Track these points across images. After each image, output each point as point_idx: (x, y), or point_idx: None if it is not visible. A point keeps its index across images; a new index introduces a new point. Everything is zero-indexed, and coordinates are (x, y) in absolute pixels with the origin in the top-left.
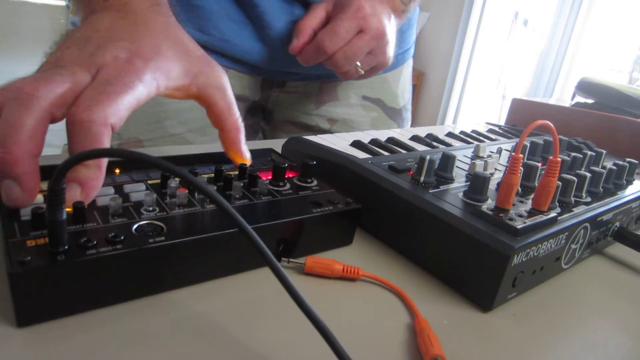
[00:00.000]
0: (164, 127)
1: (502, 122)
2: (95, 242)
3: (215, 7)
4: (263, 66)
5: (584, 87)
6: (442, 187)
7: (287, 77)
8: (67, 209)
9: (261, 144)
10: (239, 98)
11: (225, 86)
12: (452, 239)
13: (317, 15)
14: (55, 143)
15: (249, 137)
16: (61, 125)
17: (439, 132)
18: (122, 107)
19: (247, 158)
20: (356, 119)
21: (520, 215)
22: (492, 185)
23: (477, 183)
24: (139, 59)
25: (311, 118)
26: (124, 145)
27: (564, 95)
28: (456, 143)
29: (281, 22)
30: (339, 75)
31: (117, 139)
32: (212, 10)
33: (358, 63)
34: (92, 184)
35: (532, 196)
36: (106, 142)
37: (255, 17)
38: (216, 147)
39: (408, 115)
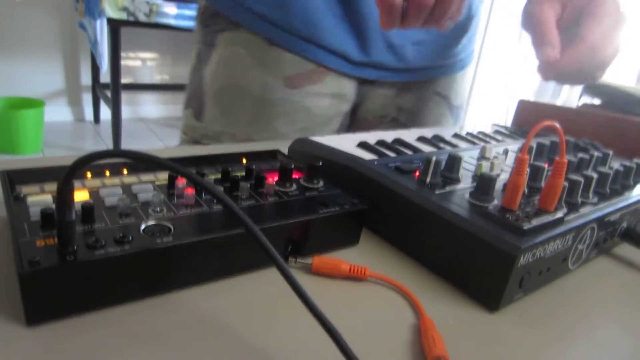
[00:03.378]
0: (274, 127)
1: (509, 124)
2: (103, 243)
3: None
4: (361, 60)
5: (591, 88)
6: (448, 188)
7: (381, 77)
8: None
9: (267, 145)
10: (342, 98)
11: None
12: (459, 240)
13: None
14: (61, 144)
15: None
16: (68, 126)
17: (445, 133)
18: None
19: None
20: (423, 112)
21: (527, 216)
22: (499, 186)
23: (483, 184)
24: None
25: (385, 107)
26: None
27: (571, 97)
28: (462, 144)
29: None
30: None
31: (231, 139)
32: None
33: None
34: None
35: (538, 197)
36: None
37: (353, 11)
38: (225, 148)
39: (461, 114)
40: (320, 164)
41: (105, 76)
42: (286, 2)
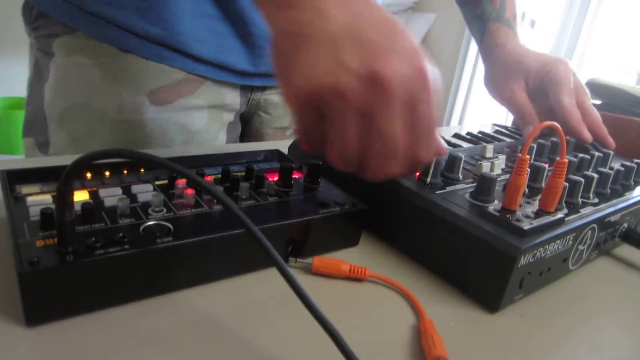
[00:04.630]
0: None
1: (509, 123)
2: (103, 243)
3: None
4: (247, 70)
5: (592, 88)
6: (448, 188)
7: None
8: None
9: (267, 145)
10: (224, 108)
11: None
12: (459, 240)
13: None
14: None
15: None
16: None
17: (446, 133)
18: None
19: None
20: None
21: (527, 216)
22: (499, 186)
23: (483, 184)
24: None
25: (285, 118)
26: None
27: None
28: (463, 144)
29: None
30: None
31: None
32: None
33: None
34: None
35: (539, 197)
36: None
37: (234, 14)
38: (225, 148)
39: None
40: (320, 164)
41: None
42: (141, 4)
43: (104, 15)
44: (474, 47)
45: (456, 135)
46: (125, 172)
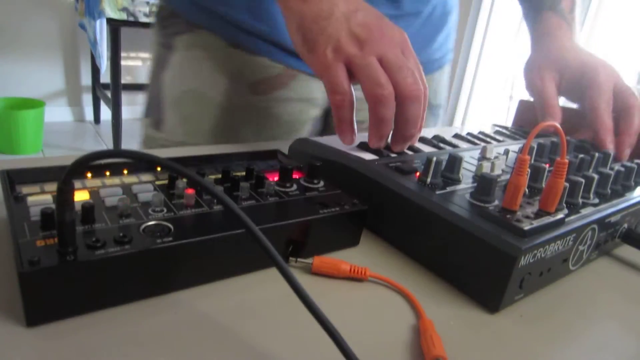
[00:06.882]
0: (239, 136)
1: (509, 124)
2: (103, 243)
3: None
4: None
5: None
6: (448, 189)
7: None
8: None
9: (267, 145)
10: (312, 102)
11: None
12: (459, 240)
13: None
14: (61, 144)
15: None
16: (68, 126)
17: (446, 133)
18: None
19: None
20: None
21: (527, 217)
22: (499, 186)
23: (484, 184)
24: None
25: (361, 112)
26: None
27: None
28: (463, 144)
29: None
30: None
31: None
32: None
33: None
34: None
35: (539, 197)
36: None
37: None
38: (225, 148)
39: (440, 113)
40: (321, 164)
41: (105, 76)
42: (251, 3)
43: (219, 12)
44: (476, 48)
45: (456, 136)
46: (125, 172)
